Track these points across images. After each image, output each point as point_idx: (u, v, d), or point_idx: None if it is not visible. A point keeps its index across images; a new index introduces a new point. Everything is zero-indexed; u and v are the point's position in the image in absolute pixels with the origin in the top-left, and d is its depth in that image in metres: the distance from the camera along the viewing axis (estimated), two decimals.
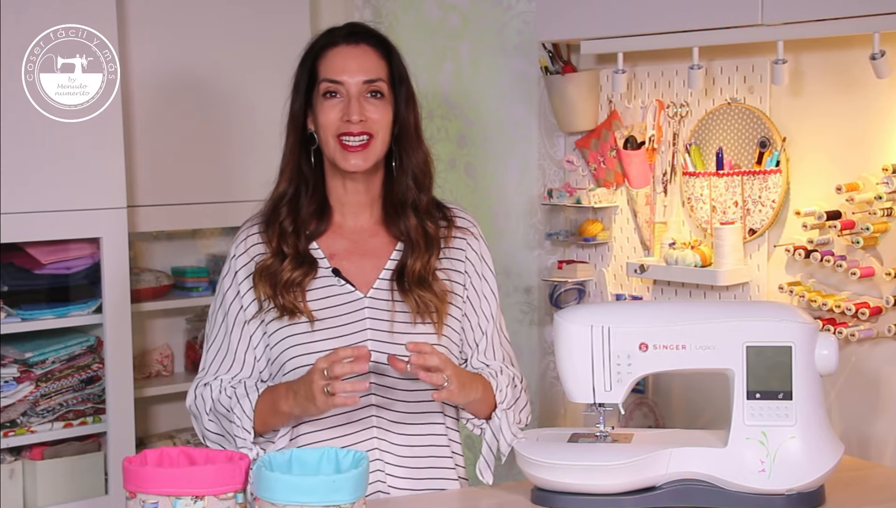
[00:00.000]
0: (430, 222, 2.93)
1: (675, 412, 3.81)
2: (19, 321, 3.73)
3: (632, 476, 2.70)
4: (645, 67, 3.79)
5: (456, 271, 2.96)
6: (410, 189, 2.92)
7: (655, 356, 2.73)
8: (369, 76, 2.85)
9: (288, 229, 2.89)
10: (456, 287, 2.94)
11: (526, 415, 3.00)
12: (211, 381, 2.91)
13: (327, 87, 2.85)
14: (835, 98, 3.32)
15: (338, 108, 2.84)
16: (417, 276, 2.86)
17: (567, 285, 4.05)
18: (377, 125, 2.84)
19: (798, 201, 3.40)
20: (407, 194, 2.92)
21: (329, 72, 2.86)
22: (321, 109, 2.85)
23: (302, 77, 2.90)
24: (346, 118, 2.82)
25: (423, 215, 2.93)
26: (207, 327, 2.98)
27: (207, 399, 2.88)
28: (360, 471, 2.31)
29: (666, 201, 3.75)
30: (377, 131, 2.84)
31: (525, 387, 3.02)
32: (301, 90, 2.90)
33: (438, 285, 2.89)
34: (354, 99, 2.83)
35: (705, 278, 3.55)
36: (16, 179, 3.59)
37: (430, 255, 2.90)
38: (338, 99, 2.85)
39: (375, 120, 2.84)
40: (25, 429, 3.74)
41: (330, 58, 2.87)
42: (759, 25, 3.25)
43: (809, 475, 2.68)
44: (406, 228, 2.91)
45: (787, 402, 2.68)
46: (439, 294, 2.88)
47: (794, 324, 2.70)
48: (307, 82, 2.89)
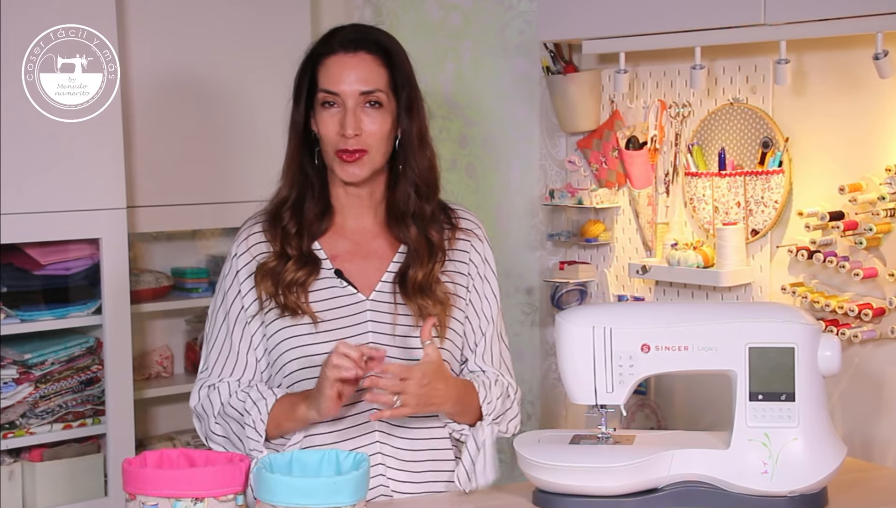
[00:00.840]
0: (433, 231, 2.91)
1: (677, 414, 3.81)
2: (18, 322, 3.74)
3: (634, 477, 2.69)
4: (647, 67, 3.78)
5: (459, 274, 2.94)
6: (411, 198, 2.89)
7: (657, 357, 2.72)
8: (366, 87, 2.81)
9: (291, 230, 2.87)
10: (459, 289, 2.93)
11: (514, 426, 2.98)
12: (217, 383, 2.89)
13: (324, 97, 2.83)
14: (838, 98, 3.31)
15: (335, 118, 2.81)
16: (419, 284, 2.85)
17: (569, 286, 4.04)
18: (373, 138, 2.81)
19: (801, 202, 3.39)
20: (407, 203, 2.89)
21: (326, 82, 2.83)
22: (320, 119, 2.84)
23: (302, 84, 2.88)
24: (342, 132, 2.79)
25: (428, 222, 2.90)
26: (207, 326, 2.96)
27: (216, 402, 2.86)
28: (361, 473, 2.31)
29: (668, 202, 3.74)
30: (372, 145, 2.81)
31: (518, 398, 3.00)
32: (302, 97, 2.88)
33: (441, 290, 2.87)
34: (350, 112, 2.80)
35: (707, 279, 3.54)
36: (15, 179, 3.60)
37: (433, 264, 2.87)
38: (335, 109, 2.82)
39: (372, 132, 2.81)
40: (24, 431, 3.75)
41: (328, 67, 2.84)
42: (762, 25, 3.23)
43: (812, 476, 2.67)
44: (406, 237, 2.89)
45: (789, 403, 2.67)
46: (442, 300, 2.86)
47: (796, 325, 2.69)
48: (307, 89, 2.87)
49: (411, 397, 2.69)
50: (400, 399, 2.68)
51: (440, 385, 2.76)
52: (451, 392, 2.80)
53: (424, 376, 2.70)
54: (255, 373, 2.89)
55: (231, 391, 2.85)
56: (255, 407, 2.79)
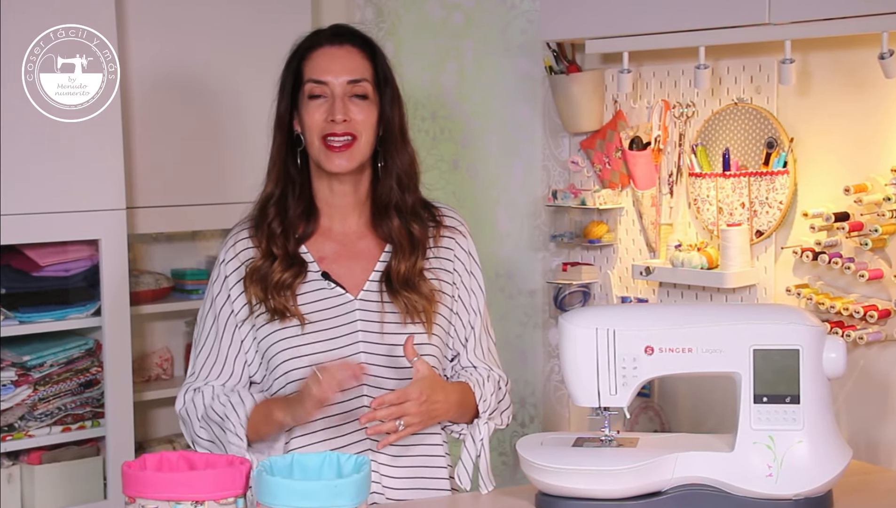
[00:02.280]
0: (415, 224, 2.94)
1: (680, 416, 3.81)
2: (17, 323, 3.73)
3: (637, 480, 2.68)
4: (651, 67, 3.78)
5: (445, 271, 2.97)
6: (394, 191, 2.94)
7: (661, 359, 2.72)
8: (353, 76, 2.87)
9: (276, 230, 2.90)
10: (445, 286, 2.95)
11: (507, 416, 3.01)
12: (202, 387, 2.91)
13: (312, 88, 2.87)
14: (843, 98, 3.31)
15: (322, 108, 2.86)
16: (403, 278, 2.88)
17: (572, 287, 4.03)
18: (361, 126, 2.86)
19: (806, 203, 3.40)
20: (390, 195, 2.94)
21: (313, 72, 2.87)
22: (306, 110, 2.87)
23: (287, 78, 2.92)
24: (331, 118, 2.84)
25: (409, 216, 2.94)
26: (196, 331, 2.99)
27: (199, 406, 2.89)
28: (363, 476, 2.30)
29: (672, 203, 3.74)
30: (361, 132, 2.86)
31: (509, 389, 3.03)
32: (287, 91, 2.92)
33: (426, 286, 2.90)
34: (339, 99, 2.85)
35: (712, 280, 3.54)
36: (14, 179, 3.59)
37: (416, 257, 2.92)
38: (322, 100, 2.86)
39: (360, 121, 2.86)
40: (23, 433, 3.73)
41: (314, 59, 2.89)
42: (767, 24, 3.24)
43: (817, 480, 2.66)
44: (390, 230, 2.93)
45: (794, 406, 2.67)
46: (427, 295, 2.89)
47: (801, 327, 2.68)
48: (292, 84, 2.91)
49: (414, 416, 2.73)
50: (402, 422, 2.71)
51: (439, 397, 2.79)
52: (452, 399, 2.84)
53: (422, 393, 2.74)
54: (241, 378, 2.91)
55: (214, 394, 2.88)
56: (235, 412, 2.81)
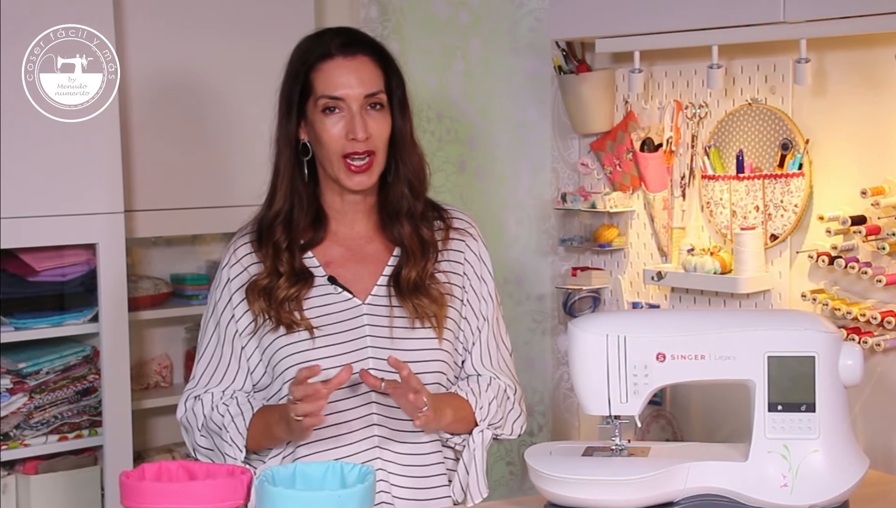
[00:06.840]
0: (425, 228, 2.93)
1: (693, 425, 3.81)
2: (12, 330, 3.72)
3: (648, 491, 2.67)
4: (662, 67, 3.79)
5: (454, 274, 2.96)
6: (405, 197, 2.92)
7: (673, 366, 2.70)
8: (370, 89, 2.83)
9: (282, 245, 2.89)
10: (455, 289, 2.94)
11: (519, 426, 2.99)
12: (202, 394, 2.92)
13: (327, 103, 2.83)
14: (860, 98, 3.32)
15: (340, 124, 2.82)
16: (413, 283, 2.87)
17: (581, 292, 4.05)
18: (380, 140, 2.84)
19: (821, 206, 3.40)
20: (402, 202, 2.92)
21: (328, 88, 2.83)
22: (322, 125, 2.83)
23: (294, 91, 2.88)
24: (352, 136, 2.81)
25: (419, 220, 2.93)
26: (199, 337, 2.99)
27: (199, 415, 2.90)
28: (367, 486, 2.29)
29: (684, 206, 3.75)
30: (379, 147, 2.85)
31: (520, 398, 3.01)
32: (294, 105, 2.88)
33: (436, 289, 2.89)
34: (357, 116, 2.82)
35: (725, 285, 3.55)
36: (9, 182, 3.59)
37: (427, 261, 2.90)
38: (339, 115, 2.83)
39: (378, 135, 2.84)
40: (19, 443, 3.73)
41: (327, 72, 2.84)
42: (781, 23, 3.24)
43: (833, 490, 2.64)
44: (400, 236, 2.91)
45: (809, 414, 2.65)
46: (437, 299, 2.88)
47: (817, 333, 2.67)
48: (300, 96, 2.87)
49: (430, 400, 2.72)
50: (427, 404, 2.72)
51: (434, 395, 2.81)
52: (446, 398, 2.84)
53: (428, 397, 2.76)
54: (243, 384, 2.91)
55: (213, 403, 2.89)
56: (233, 423, 2.83)
